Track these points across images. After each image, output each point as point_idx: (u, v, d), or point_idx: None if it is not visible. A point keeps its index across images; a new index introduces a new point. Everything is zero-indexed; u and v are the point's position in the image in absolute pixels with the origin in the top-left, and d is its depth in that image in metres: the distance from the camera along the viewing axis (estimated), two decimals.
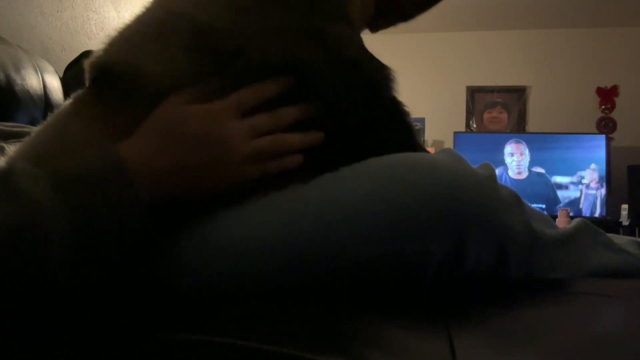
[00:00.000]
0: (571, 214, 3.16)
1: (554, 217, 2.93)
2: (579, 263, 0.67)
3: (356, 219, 0.50)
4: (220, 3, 0.57)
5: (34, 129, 0.59)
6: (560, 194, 3.39)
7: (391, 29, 0.78)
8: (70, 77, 1.47)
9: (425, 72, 3.97)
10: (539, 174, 3.43)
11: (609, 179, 3.38)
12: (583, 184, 3.37)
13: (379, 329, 0.44)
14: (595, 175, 3.36)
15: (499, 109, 3.92)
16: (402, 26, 0.74)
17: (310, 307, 0.49)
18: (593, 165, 3.36)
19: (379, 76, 0.62)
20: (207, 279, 0.50)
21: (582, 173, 3.37)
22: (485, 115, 3.94)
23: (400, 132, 0.63)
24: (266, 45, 0.54)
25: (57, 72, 1.41)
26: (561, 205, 3.34)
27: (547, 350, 0.41)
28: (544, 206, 3.35)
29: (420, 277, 0.51)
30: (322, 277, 0.50)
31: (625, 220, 3.20)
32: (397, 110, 0.63)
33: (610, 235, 0.76)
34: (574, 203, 3.37)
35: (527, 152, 3.47)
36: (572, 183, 3.40)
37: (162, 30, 0.55)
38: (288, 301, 0.50)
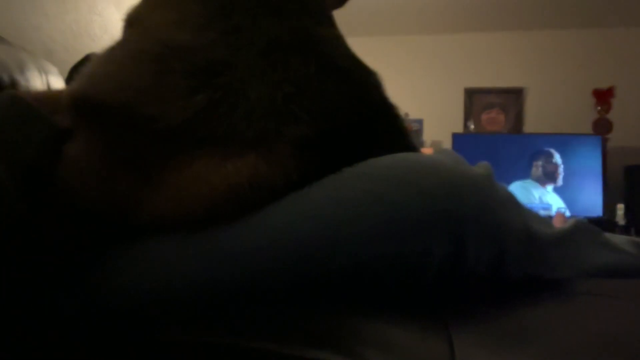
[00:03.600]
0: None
1: (551, 218, 2.94)
2: (577, 262, 0.67)
3: (356, 219, 0.50)
4: (214, 26, 0.57)
5: None
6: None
7: (389, 32, 0.79)
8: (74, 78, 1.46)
9: (423, 73, 3.96)
10: None
11: (605, 179, 3.38)
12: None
13: (379, 328, 0.45)
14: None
15: (497, 110, 3.92)
16: (400, 28, 0.75)
17: (310, 307, 0.49)
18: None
19: (369, 82, 0.63)
20: (205, 281, 0.50)
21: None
22: (483, 116, 3.94)
23: (396, 134, 0.63)
24: (260, 77, 0.54)
25: (61, 74, 1.41)
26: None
27: (547, 350, 0.42)
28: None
29: (420, 278, 0.51)
30: (322, 277, 0.50)
31: (621, 220, 3.20)
32: (391, 114, 0.63)
33: (607, 234, 0.76)
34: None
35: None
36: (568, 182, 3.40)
37: (160, 69, 0.54)
38: (288, 301, 0.50)
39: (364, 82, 0.62)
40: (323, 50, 0.60)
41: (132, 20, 0.62)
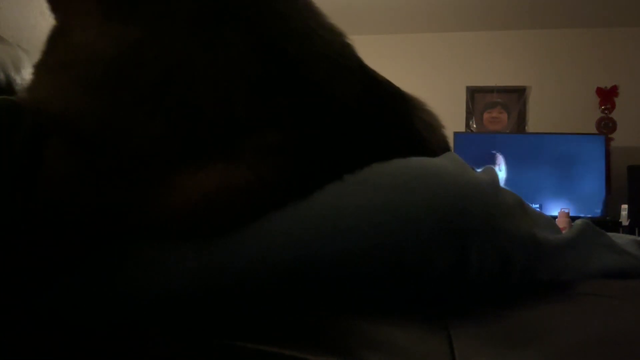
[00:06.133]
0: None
1: (554, 217, 2.93)
2: (581, 266, 0.67)
3: (358, 228, 0.49)
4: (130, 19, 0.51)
5: None
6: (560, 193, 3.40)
7: (391, 30, 0.77)
8: None
9: (425, 72, 3.96)
10: None
11: (608, 179, 3.38)
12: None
13: (379, 329, 0.45)
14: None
15: (499, 109, 3.92)
16: (402, 26, 0.73)
17: (310, 309, 0.49)
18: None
19: (343, 62, 0.58)
20: (206, 285, 0.50)
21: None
22: (485, 116, 3.94)
23: (394, 126, 0.61)
24: (204, 73, 0.50)
25: None
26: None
27: (547, 351, 0.41)
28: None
29: (422, 286, 0.51)
30: (321, 284, 0.50)
31: (625, 221, 3.19)
32: (384, 101, 0.61)
33: (611, 234, 0.76)
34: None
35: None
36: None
37: (109, 100, 0.50)
38: (288, 303, 0.50)
39: (339, 63, 0.57)
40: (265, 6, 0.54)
41: (58, 31, 0.58)
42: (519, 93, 3.90)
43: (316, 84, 0.54)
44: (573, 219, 2.68)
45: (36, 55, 0.57)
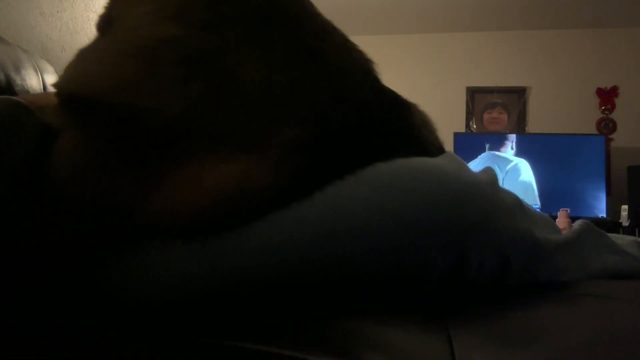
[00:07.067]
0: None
1: (554, 217, 2.93)
2: (581, 266, 0.67)
3: (356, 230, 0.49)
4: (194, 4, 0.54)
5: None
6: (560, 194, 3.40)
7: (391, 31, 0.77)
8: None
9: (425, 72, 3.97)
10: None
11: (608, 179, 3.38)
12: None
13: (379, 330, 0.45)
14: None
15: (499, 109, 3.93)
16: (402, 27, 0.73)
17: (309, 309, 0.48)
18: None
19: (359, 68, 0.60)
20: (204, 286, 0.50)
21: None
22: (485, 116, 3.94)
23: (399, 132, 0.62)
24: (250, 59, 0.52)
25: (57, 73, 1.40)
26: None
27: (547, 352, 0.41)
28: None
29: (421, 286, 0.51)
30: (322, 286, 0.50)
31: (625, 221, 3.20)
32: (392, 109, 0.61)
33: (611, 235, 0.76)
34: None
35: None
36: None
37: (151, 61, 0.51)
38: (288, 303, 0.50)
39: (354, 70, 0.59)
40: (298, 15, 0.57)
41: (110, 20, 0.59)
42: (519, 93, 3.90)
43: (346, 88, 0.56)
44: (573, 219, 2.68)
45: (36, 55, 0.58)
